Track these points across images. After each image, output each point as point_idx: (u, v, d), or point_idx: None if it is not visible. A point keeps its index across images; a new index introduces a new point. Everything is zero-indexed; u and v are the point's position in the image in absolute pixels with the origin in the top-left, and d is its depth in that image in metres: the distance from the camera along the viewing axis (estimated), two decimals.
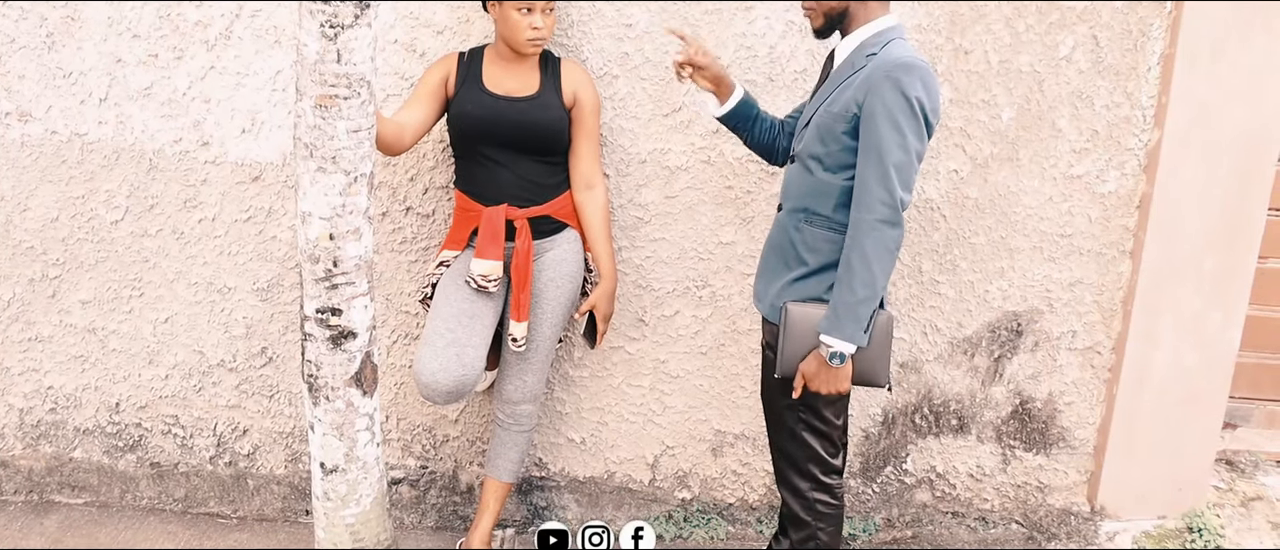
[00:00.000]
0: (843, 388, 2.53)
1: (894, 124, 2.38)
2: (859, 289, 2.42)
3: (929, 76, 2.41)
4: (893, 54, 2.44)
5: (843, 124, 2.49)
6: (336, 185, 2.44)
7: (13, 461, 3.64)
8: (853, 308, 2.43)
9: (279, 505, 3.64)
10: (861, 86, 2.44)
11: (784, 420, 2.69)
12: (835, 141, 2.51)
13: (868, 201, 2.40)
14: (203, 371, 3.53)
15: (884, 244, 2.40)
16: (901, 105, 2.38)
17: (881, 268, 2.41)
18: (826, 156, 2.54)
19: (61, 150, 3.36)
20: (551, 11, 2.95)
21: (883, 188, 2.39)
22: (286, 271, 3.42)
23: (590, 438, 3.57)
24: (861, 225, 2.41)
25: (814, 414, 2.63)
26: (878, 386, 2.59)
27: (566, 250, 3.13)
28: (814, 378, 2.54)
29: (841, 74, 2.55)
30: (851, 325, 2.44)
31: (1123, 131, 3.29)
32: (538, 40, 2.93)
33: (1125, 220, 3.36)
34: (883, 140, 2.39)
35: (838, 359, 2.47)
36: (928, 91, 2.41)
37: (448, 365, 2.91)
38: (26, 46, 3.28)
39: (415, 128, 2.94)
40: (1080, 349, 3.47)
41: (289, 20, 3.22)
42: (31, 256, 3.45)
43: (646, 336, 3.47)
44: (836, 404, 2.63)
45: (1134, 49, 3.23)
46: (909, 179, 2.41)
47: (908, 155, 2.39)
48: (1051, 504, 3.61)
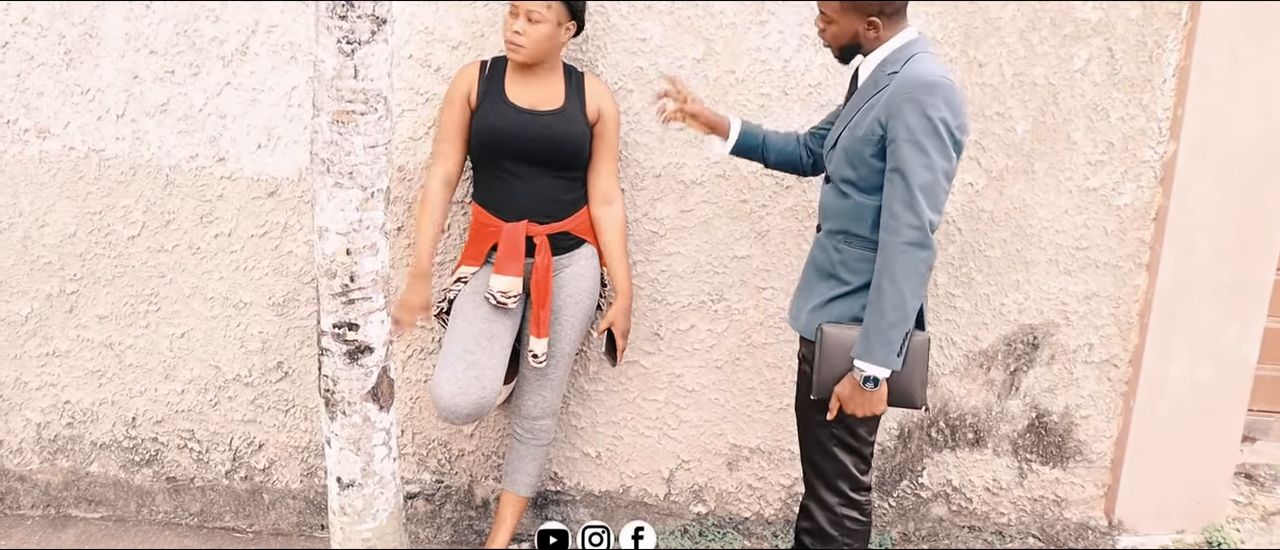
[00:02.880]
0: (878, 410, 2.52)
1: (918, 146, 2.36)
2: (889, 313, 2.40)
3: (952, 93, 2.39)
4: (914, 72, 2.42)
5: (870, 147, 2.47)
6: (353, 200, 2.45)
7: (30, 476, 3.66)
8: (884, 332, 2.41)
9: (294, 519, 3.64)
10: (884, 108, 2.43)
11: (817, 435, 2.68)
12: (864, 165, 2.50)
13: (895, 225, 2.39)
14: (219, 386, 3.54)
15: (913, 267, 2.38)
16: (924, 126, 2.36)
17: (912, 290, 2.39)
18: (859, 180, 2.52)
19: (79, 166, 3.38)
20: (537, 21, 2.89)
21: (910, 211, 2.37)
22: (302, 286, 3.43)
23: (606, 452, 3.57)
24: (890, 248, 2.40)
25: (848, 431, 2.62)
26: (913, 408, 2.57)
27: (584, 266, 3.13)
28: (849, 401, 2.52)
29: (865, 94, 2.54)
30: (883, 349, 2.42)
31: (1138, 144, 3.28)
32: (514, 45, 2.91)
33: (1141, 233, 3.35)
34: (907, 163, 2.37)
35: (871, 383, 2.46)
36: (951, 109, 2.39)
37: (466, 388, 2.91)
38: (45, 63, 3.30)
39: (460, 169, 3.11)
40: (1097, 362, 3.46)
41: (305, 36, 3.24)
42: (49, 272, 3.47)
43: (662, 350, 3.46)
44: (871, 421, 2.62)
45: (1149, 61, 3.23)
46: (937, 200, 2.39)
47: (934, 175, 2.37)
48: (1068, 518, 3.59)
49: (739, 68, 3.23)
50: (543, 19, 2.90)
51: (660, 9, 3.20)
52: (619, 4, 3.19)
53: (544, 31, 2.91)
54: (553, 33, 2.93)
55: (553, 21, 2.92)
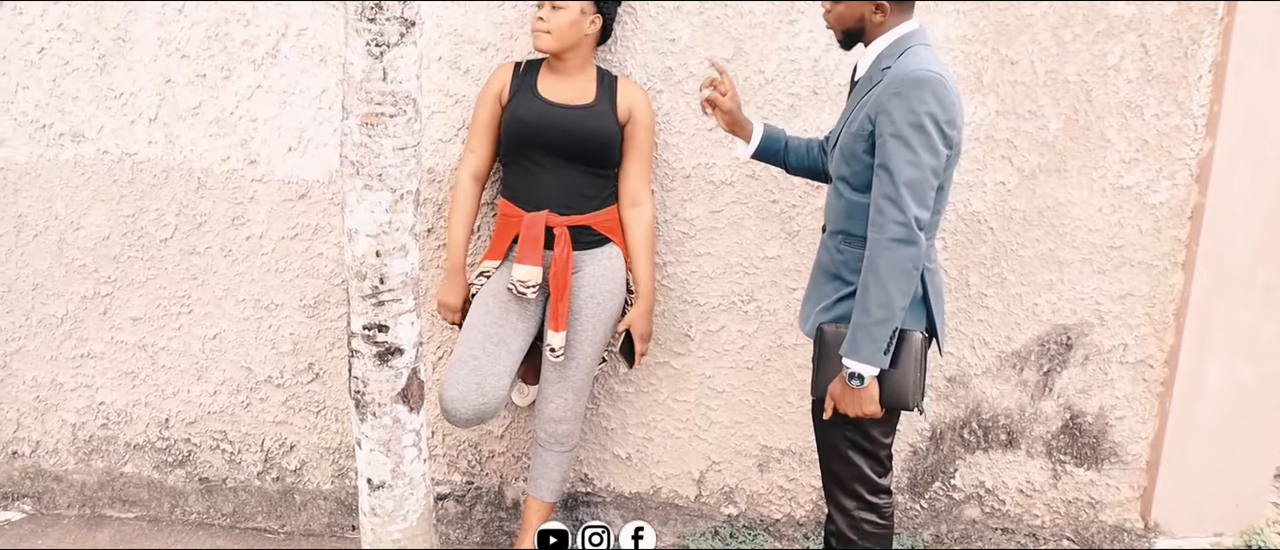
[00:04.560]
0: (868, 410, 2.48)
1: (903, 141, 2.35)
2: (874, 310, 2.38)
3: (940, 87, 2.36)
4: (905, 67, 2.40)
5: (861, 143, 2.46)
6: (383, 202, 2.45)
7: (66, 476, 3.69)
8: (869, 329, 2.39)
9: (325, 520, 3.66)
10: (875, 103, 2.42)
11: (831, 439, 2.66)
12: (857, 160, 2.49)
13: (881, 221, 2.37)
14: (250, 387, 3.56)
15: (898, 264, 2.36)
16: (909, 122, 2.34)
17: (898, 288, 2.37)
18: (852, 176, 2.52)
19: (113, 170, 3.41)
20: (559, 7, 2.94)
21: (895, 206, 2.35)
22: (333, 288, 3.45)
23: (636, 453, 3.56)
24: (876, 245, 2.38)
25: (861, 433, 2.60)
26: (907, 410, 2.54)
27: (608, 266, 3.12)
28: (840, 399, 2.51)
29: (861, 90, 2.53)
30: (869, 347, 2.40)
31: (1173, 141, 3.25)
32: (540, 32, 2.96)
33: (1177, 231, 3.31)
34: (892, 158, 2.35)
35: (857, 380, 2.44)
36: (941, 105, 2.36)
37: (466, 395, 2.94)
38: (80, 68, 3.34)
39: (489, 165, 3.17)
40: (1132, 362, 3.42)
41: (335, 39, 3.25)
42: (84, 274, 3.50)
43: (692, 351, 3.45)
44: (885, 424, 2.60)
45: (1184, 57, 3.19)
46: (924, 195, 2.36)
47: (920, 172, 2.35)
48: (1103, 520, 3.56)
49: (768, 68, 3.22)
50: (565, 6, 2.95)
51: (689, 9, 3.19)
52: (648, 4, 3.19)
53: (567, 18, 2.95)
54: (577, 21, 2.97)
55: (576, 10, 2.96)
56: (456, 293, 3.12)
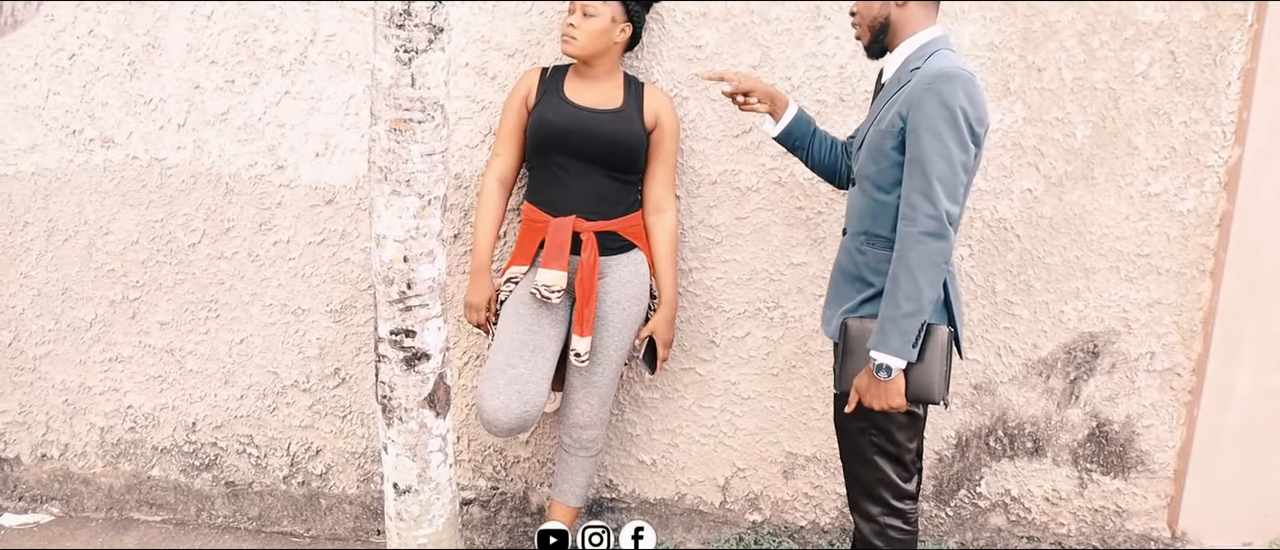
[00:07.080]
0: (894, 402, 2.48)
1: (936, 134, 2.36)
2: (904, 303, 2.39)
3: (971, 85, 2.39)
4: (936, 65, 2.42)
5: (890, 141, 2.47)
6: (410, 208, 2.46)
7: (94, 479, 3.72)
8: (898, 322, 2.40)
9: (351, 525, 3.67)
10: (906, 101, 2.43)
11: (855, 443, 2.65)
12: (885, 158, 2.49)
13: (912, 215, 2.38)
14: (277, 392, 3.58)
15: (929, 257, 2.37)
16: (943, 115, 2.36)
17: (927, 280, 2.38)
18: (878, 175, 2.52)
19: (142, 175, 3.44)
20: (590, 15, 2.96)
21: (927, 200, 2.36)
22: (360, 293, 3.46)
23: (661, 459, 3.56)
24: (907, 238, 2.39)
25: (886, 437, 2.59)
26: (933, 403, 2.54)
27: (632, 272, 3.13)
28: (866, 392, 2.50)
29: (889, 91, 2.55)
30: (897, 339, 2.41)
31: (1202, 148, 3.23)
32: (568, 37, 2.97)
33: (1205, 239, 3.29)
34: (925, 152, 2.37)
35: (885, 372, 2.44)
36: (971, 101, 2.38)
37: (509, 404, 2.94)
38: (110, 74, 3.37)
39: (515, 170, 3.17)
40: (1159, 371, 3.40)
41: (363, 46, 3.27)
42: (113, 279, 3.53)
43: (717, 358, 3.45)
44: (909, 427, 2.59)
45: (1213, 64, 3.17)
46: (955, 190, 2.38)
47: (951, 166, 2.36)
48: (1130, 529, 3.53)
49: (795, 74, 3.22)
50: (597, 14, 2.97)
51: (716, 15, 3.19)
52: (674, 10, 3.19)
53: (597, 26, 2.97)
54: (607, 29, 2.98)
55: (607, 17, 2.97)
56: (481, 292, 3.13)
